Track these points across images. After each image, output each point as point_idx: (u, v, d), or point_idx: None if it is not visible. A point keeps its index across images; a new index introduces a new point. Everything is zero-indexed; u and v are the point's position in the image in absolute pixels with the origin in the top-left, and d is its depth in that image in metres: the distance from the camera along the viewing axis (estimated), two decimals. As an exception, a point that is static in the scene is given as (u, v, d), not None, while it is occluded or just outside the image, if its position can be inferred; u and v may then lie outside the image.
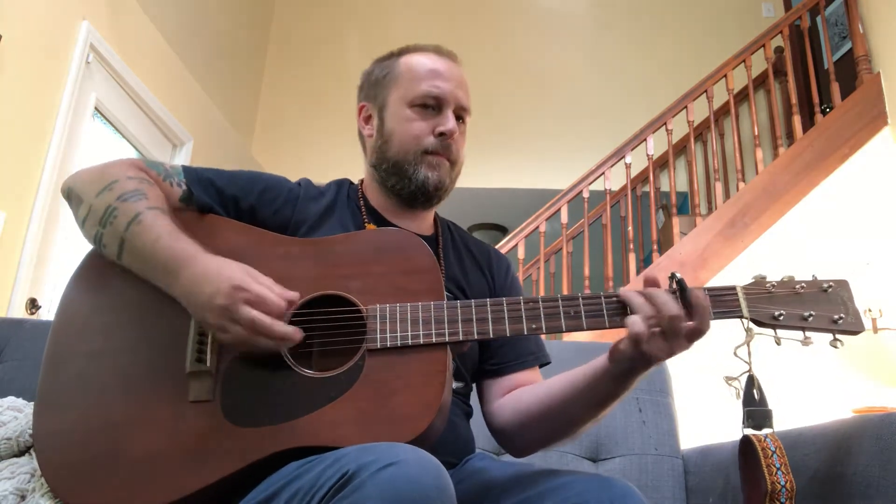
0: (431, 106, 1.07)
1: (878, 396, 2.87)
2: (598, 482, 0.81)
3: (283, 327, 0.82)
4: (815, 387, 2.98)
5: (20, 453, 0.95)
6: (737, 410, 0.90)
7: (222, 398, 0.84)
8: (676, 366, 1.63)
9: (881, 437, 0.87)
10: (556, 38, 5.12)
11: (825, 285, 0.87)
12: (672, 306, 0.81)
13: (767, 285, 0.87)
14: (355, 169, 1.19)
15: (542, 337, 1.17)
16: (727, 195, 3.99)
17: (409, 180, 1.06)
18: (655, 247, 3.70)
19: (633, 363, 0.85)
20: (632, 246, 3.68)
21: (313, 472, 0.69)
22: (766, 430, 0.88)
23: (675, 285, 0.85)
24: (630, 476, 1.37)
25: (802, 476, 0.97)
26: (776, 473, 0.84)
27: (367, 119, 1.14)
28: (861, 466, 0.89)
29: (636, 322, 0.81)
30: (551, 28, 5.15)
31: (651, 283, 0.85)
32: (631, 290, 0.85)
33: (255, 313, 0.81)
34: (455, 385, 1.05)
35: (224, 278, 0.83)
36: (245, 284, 0.82)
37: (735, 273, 3.32)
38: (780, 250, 3.33)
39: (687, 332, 0.81)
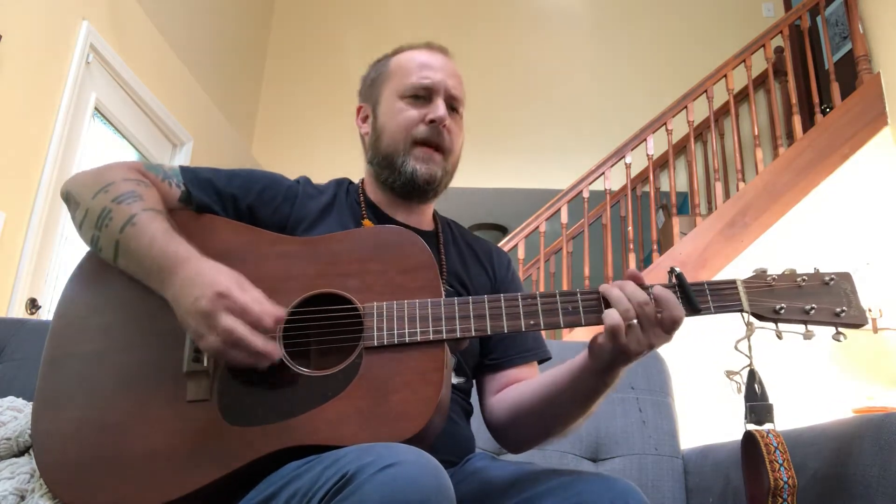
0: (422, 96, 1.08)
1: (878, 396, 2.86)
2: (600, 482, 0.81)
3: (261, 342, 0.79)
4: (815, 387, 2.98)
5: (20, 453, 0.95)
6: (737, 408, 0.89)
7: (220, 398, 0.83)
8: (677, 365, 1.64)
9: (881, 437, 0.87)
10: (556, 37, 5.11)
11: (827, 278, 0.85)
12: (640, 294, 0.81)
13: (768, 278, 0.86)
14: (355, 169, 1.19)
15: (543, 335, 1.17)
16: (727, 195, 3.99)
17: (398, 173, 1.07)
18: (655, 247, 3.70)
19: (613, 357, 0.84)
20: (632, 246, 3.68)
21: (312, 473, 0.69)
22: (767, 426, 0.87)
23: (674, 279, 0.85)
24: (630, 476, 1.37)
25: (803, 476, 0.96)
26: (779, 469, 0.83)
27: (365, 119, 1.16)
28: (861, 466, 0.88)
29: (611, 314, 0.80)
30: (551, 28, 5.15)
31: (632, 279, 0.84)
32: (608, 285, 0.84)
33: (234, 323, 0.78)
34: (456, 381, 1.05)
35: (211, 283, 0.80)
36: (230, 292, 0.79)
37: (735, 273, 3.29)
38: (780, 250, 3.33)
39: (664, 322, 0.81)
